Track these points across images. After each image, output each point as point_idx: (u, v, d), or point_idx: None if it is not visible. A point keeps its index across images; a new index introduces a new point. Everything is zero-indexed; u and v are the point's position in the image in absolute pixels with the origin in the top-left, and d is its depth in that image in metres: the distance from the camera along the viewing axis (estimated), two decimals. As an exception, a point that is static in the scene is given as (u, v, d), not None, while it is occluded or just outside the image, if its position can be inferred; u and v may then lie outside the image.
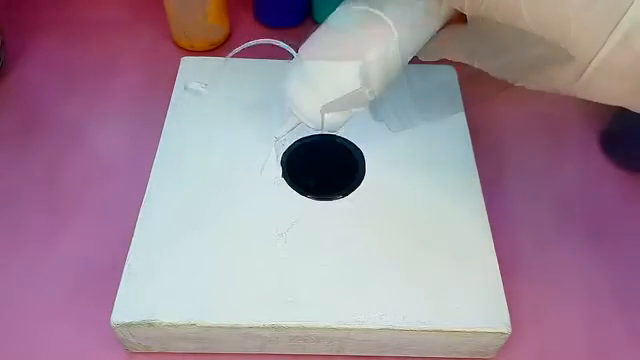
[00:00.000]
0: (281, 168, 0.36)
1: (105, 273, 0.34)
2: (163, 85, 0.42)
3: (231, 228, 0.33)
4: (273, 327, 0.30)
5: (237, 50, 0.34)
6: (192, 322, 0.30)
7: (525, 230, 0.39)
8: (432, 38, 0.30)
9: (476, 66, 0.28)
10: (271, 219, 0.34)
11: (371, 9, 0.29)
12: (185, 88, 0.34)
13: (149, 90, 0.46)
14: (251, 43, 0.33)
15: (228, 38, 0.50)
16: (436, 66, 0.33)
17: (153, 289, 0.31)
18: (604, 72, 0.24)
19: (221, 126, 0.38)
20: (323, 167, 0.37)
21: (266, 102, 0.40)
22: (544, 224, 0.39)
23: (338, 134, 0.38)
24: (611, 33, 0.23)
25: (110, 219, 0.38)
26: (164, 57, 0.48)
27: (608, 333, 0.35)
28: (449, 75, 0.42)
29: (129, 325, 0.30)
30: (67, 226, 0.37)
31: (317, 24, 0.29)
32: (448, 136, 0.39)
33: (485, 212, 0.35)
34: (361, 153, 0.37)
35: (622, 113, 0.43)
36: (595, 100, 0.26)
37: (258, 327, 0.30)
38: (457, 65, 0.37)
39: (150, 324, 0.30)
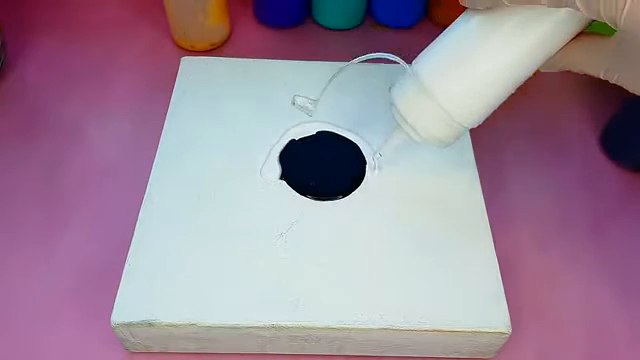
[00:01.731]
0: (281, 168, 0.36)
1: (105, 273, 0.34)
2: (163, 85, 0.42)
3: (231, 228, 0.33)
4: (273, 327, 0.30)
5: (357, 60, 0.32)
6: (192, 322, 0.30)
7: (525, 230, 0.39)
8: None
9: (614, 82, 0.25)
10: (271, 219, 0.34)
11: (492, 17, 0.26)
12: (293, 103, 0.34)
13: (149, 90, 0.46)
14: (371, 56, 0.31)
15: (228, 38, 0.50)
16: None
17: (153, 289, 0.31)
18: None
19: (221, 126, 0.38)
20: (323, 167, 0.37)
21: (266, 102, 0.40)
22: (544, 224, 0.39)
23: (338, 134, 0.38)
24: None
25: (110, 219, 0.38)
26: (164, 57, 0.48)
27: (608, 333, 0.35)
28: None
29: (129, 325, 0.30)
30: (67, 226, 0.37)
31: (317, 24, 0.29)
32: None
33: (485, 211, 0.35)
34: (361, 153, 0.37)
35: (622, 113, 0.43)
36: None
37: (258, 327, 0.30)
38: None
39: (150, 324, 0.30)
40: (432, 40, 0.30)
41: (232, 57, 0.43)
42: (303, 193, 0.35)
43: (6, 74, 0.46)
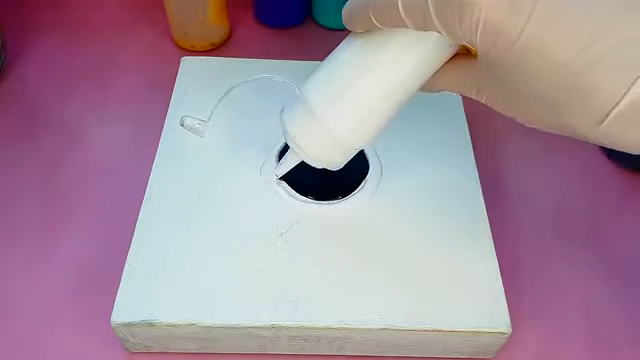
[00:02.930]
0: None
1: (105, 273, 0.34)
2: (163, 85, 0.42)
3: (231, 228, 0.33)
4: (273, 327, 0.30)
5: (247, 80, 0.32)
6: (192, 322, 0.30)
7: (525, 230, 0.39)
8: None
9: (484, 102, 0.26)
10: (271, 219, 0.34)
11: (372, 40, 0.27)
12: (181, 125, 0.33)
13: (149, 90, 0.46)
14: (257, 78, 0.32)
15: (228, 38, 0.50)
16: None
17: (153, 289, 0.31)
18: (628, 119, 0.22)
19: (221, 126, 0.38)
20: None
21: (266, 102, 0.40)
22: (544, 224, 0.39)
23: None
24: (637, 79, 0.21)
25: (110, 219, 0.38)
26: (164, 57, 0.48)
27: (608, 333, 0.35)
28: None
29: (129, 325, 0.30)
30: (67, 226, 0.37)
31: (317, 24, 0.29)
32: (448, 137, 0.39)
33: (485, 212, 0.35)
34: (362, 153, 0.37)
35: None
36: (617, 148, 0.24)
37: (258, 327, 0.30)
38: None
39: (150, 324, 0.30)
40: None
41: (232, 57, 0.43)
42: (303, 193, 0.35)
43: (6, 74, 0.46)
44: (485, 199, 0.35)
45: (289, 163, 0.33)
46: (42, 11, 0.52)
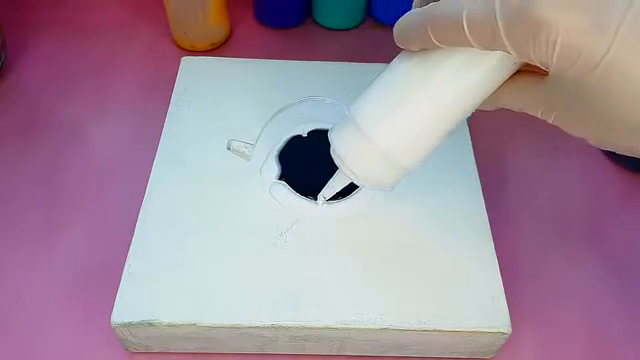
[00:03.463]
0: (281, 168, 0.36)
1: (105, 273, 0.34)
2: (163, 85, 0.42)
3: (231, 228, 0.33)
4: (273, 327, 0.30)
5: (294, 102, 0.31)
6: (192, 322, 0.30)
7: (525, 230, 0.39)
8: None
9: (552, 122, 0.25)
10: (271, 219, 0.34)
11: (428, 59, 0.26)
12: (228, 148, 0.33)
13: (149, 90, 0.46)
14: (309, 99, 0.31)
15: (228, 38, 0.50)
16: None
17: (153, 289, 0.31)
18: None
19: (221, 126, 0.38)
20: (323, 167, 0.37)
21: (266, 102, 0.40)
22: (544, 224, 0.39)
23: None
24: None
25: (110, 219, 0.38)
26: (164, 57, 0.48)
27: (608, 333, 0.35)
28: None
29: (129, 325, 0.30)
30: (67, 226, 0.37)
31: (317, 24, 0.29)
32: (448, 137, 0.39)
33: (485, 212, 0.35)
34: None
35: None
36: None
37: (258, 327, 0.30)
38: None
39: (150, 324, 0.30)
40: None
41: (232, 57, 0.43)
42: (303, 193, 0.35)
43: (6, 74, 0.46)
44: (485, 199, 0.35)
45: (337, 185, 0.32)
46: (42, 11, 0.52)
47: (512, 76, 0.26)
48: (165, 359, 0.33)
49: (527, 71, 0.26)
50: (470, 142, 0.38)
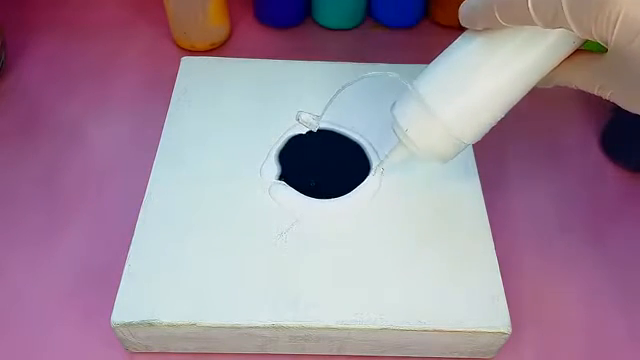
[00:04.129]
0: (281, 168, 0.36)
1: (105, 273, 0.34)
2: (163, 85, 0.42)
3: (231, 228, 0.33)
4: (273, 327, 0.30)
5: (361, 77, 0.32)
6: (192, 322, 0.30)
7: (525, 230, 0.39)
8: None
9: (607, 98, 0.26)
10: (271, 219, 0.34)
11: (492, 38, 0.28)
12: (297, 119, 0.34)
13: (149, 90, 0.46)
14: (376, 74, 0.32)
15: (228, 38, 0.50)
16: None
17: (153, 289, 0.31)
18: None
19: (221, 126, 0.38)
20: (323, 166, 0.37)
21: (266, 102, 0.40)
22: (544, 224, 0.39)
23: (339, 133, 0.38)
24: None
25: (110, 219, 0.38)
26: (164, 57, 0.48)
27: (608, 333, 0.35)
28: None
29: (129, 325, 0.30)
30: (67, 226, 0.37)
31: (317, 24, 0.29)
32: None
33: (485, 212, 0.35)
34: (362, 152, 0.37)
35: (622, 113, 0.43)
36: None
37: (258, 327, 0.30)
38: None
39: (150, 324, 0.30)
40: (432, 40, 0.31)
41: (232, 57, 0.43)
42: (303, 192, 0.35)
43: (6, 74, 0.46)
44: (485, 199, 0.35)
45: (398, 156, 0.33)
46: (42, 11, 0.52)
47: (570, 55, 0.27)
48: (165, 359, 0.33)
49: (584, 50, 0.27)
50: (470, 142, 0.38)
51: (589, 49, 0.27)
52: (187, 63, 0.42)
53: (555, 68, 0.28)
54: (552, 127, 0.45)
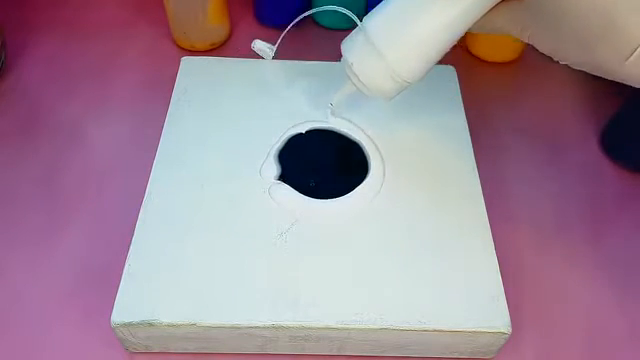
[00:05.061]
0: (280, 168, 0.36)
1: (105, 273, 0.34)
2: (163, 85, 0.42)
3: (231, 228, 0.33)
4: (273, 327, 0.30)
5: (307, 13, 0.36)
6: (192, 322, 0.30)
7: (525, 230, 0.39)
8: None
9: (526, 41, 0.29)
10: (271, 219, 0.34)
11: None
12: (252, 48, 0.36)
13: (149, 90, 0.46)
14: (324, 8, 0.35)
15: (228, 38, 0.50)
16: (436, 66, 0.32)
17: (153, 289, 0.31)
18: None
19: (221, 126, 0.38)
20: (323, 166, 0.37)
21: (266, 102, 0.40)
22: (544, 224, 0.39)
23: (340, 132, 0.38)
24: None
25: (110, 219, 0.38)
26: (164, 57, 0.48)
27: (608, 333, 0.35)
28: (449, 75, 0.42)
29: (129, 325, 0.30)
30: (67, 226, 0.37)
31: (317, 24, 0.30)
32: (448, 136, 0.39)
33: (485, 212, 0.35)
34: (362, 152, 0.37)
35: (622, 113, 0.43)
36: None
37: (258, 327, 0.30)
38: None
39: (150, 324, 0.30)
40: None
41: (232, 57, 0.43)
42: (303, 193, 0.35)
43: (6, 74, 0.46)
44: (485, 199, 0.35)
45: (344, 91, 0.35)
46: (42, 11, 0.52)
47: (499, 2, 0.30)
48: (165, 359, 0.33)
49: None
50: (470, 142, 0.38)
51: None
52: (187, 63, 0.42)
53: (487, 12, 0.30)
54: (552, 127, 0.45)
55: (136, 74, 0.47)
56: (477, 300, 0.31)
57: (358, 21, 0.33)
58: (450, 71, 0.42)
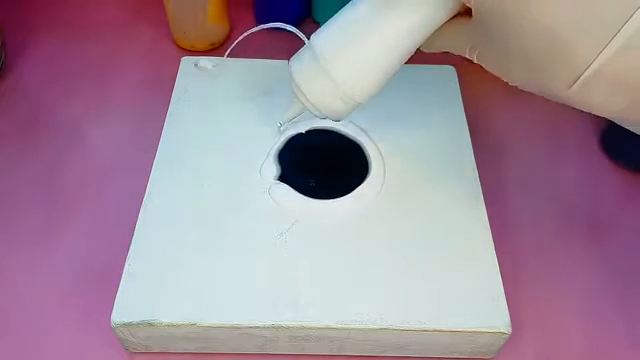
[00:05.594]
0: (280, 168, 0.36)
1: (105, 273, 0.34)
2: (163, 85, 0.42)
3: (231, 228, 0.33)
4: (273, 327, 0.30)
5: (256, 29, 0.34)
6: (192, 322, 0.30)
7: (525, 230, 0.39)
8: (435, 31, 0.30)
9: (475, 61, 0.28)
10: (271, 219, 0.34)
11: (379, 3, 0.29)
12: (195, 65, 0.34)
13: (149, 90, 0.46)
14: (256, 29, 0.33)
15: (228, 38, 0.50)
16: (436, 66, 0.32)
17: (153, 289, 0.31)
18: (599, 80, 0.23)
19: (221, 126, 0.38)
20: (323, 166, 0.37)
21: (266, 102, 0.40)
22: (544, 224, 0.39)
23: (340, 132, 0.38)
24: (612, 39, 0.22)
25: (110, 219, 0.38)
26: (164, 57, 0.48)
27: (608, 333, 0.35)
28: (449, 75, 0.42)
29: (129, 325, 0.30)
30: (67, 226, 0.37)
31: (317, 24, 0.30)
32: (448, 136, 0.39)
33: (485, 212, 0.35)
34: (362, 152, 0.37)
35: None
36: (587, 110, 0.25)
37: (258, 327, 0.30)
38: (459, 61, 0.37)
39: (150, 324, 0.30)
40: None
41: (232, 57, 0.43)
42: (303, 193, 0.35)
43: (6, 74, 0.46)
44: (485, 199, 0.35)
45: (293, 111, 0.34)
46: (42, 11, 0.52)
47: (450, 19, 0.29)
48: (165, 359, 0.33)
49: (460, 15, 0.28)
50: (470, 142, 0.38)
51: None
52: (187, 63, 0.42)
53: (436, 30, 0.29)
54: (552, 127, 0.45)
55: (136, 74, 0.47)
56: (477, 300, 0.31)
57: (305, 39, 0.31)
58: (450, 71, 0.42)
